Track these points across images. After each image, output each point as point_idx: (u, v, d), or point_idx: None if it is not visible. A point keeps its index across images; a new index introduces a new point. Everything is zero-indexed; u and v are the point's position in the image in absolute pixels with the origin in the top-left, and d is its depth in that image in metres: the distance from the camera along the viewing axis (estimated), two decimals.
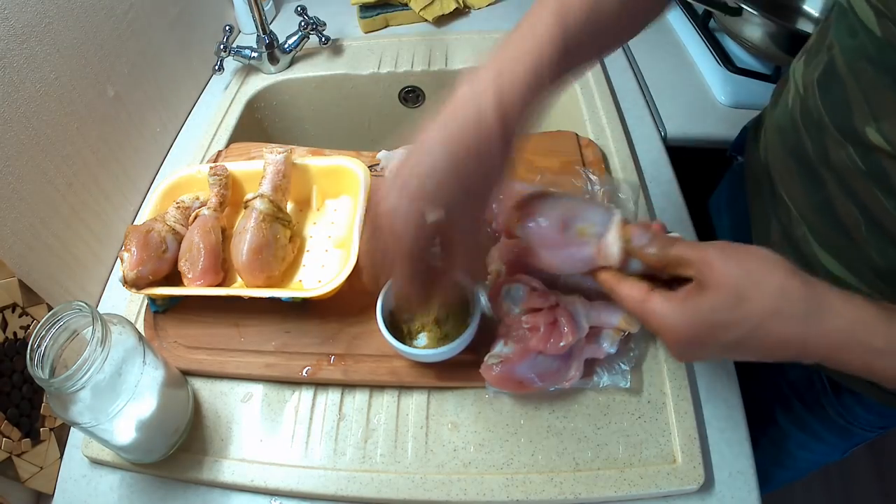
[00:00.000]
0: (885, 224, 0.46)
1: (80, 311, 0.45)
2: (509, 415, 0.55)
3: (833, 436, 0.68)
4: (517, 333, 0.52)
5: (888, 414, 0.62)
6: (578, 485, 0.50)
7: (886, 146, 0.43)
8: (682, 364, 0.56)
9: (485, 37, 0.98)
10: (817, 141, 0.51)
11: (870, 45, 0.44)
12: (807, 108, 0.53)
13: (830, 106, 0.49)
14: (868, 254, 0.49)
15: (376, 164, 0.73)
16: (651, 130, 0.82)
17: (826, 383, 0.63)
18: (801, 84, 0.55)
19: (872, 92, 0.44)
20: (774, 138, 0.60)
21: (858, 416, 0.63)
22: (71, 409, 0.45)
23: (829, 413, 0.65)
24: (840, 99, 0.48)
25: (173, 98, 0.88)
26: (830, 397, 0.63)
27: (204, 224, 0.63)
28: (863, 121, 0.45)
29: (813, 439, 0.71)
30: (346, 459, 0.53)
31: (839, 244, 0.51)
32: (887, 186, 0.45)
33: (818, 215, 0.53)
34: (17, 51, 0.57)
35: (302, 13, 0.93)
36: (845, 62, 0.47)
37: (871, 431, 0.65)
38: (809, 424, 0.69)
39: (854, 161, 0.47)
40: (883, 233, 0.47)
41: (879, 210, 0.46)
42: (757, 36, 0.89)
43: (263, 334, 0.60)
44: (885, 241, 0.47)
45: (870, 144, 0.45)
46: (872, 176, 0.46)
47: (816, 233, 0.54)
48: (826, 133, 0.50)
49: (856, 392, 0.60)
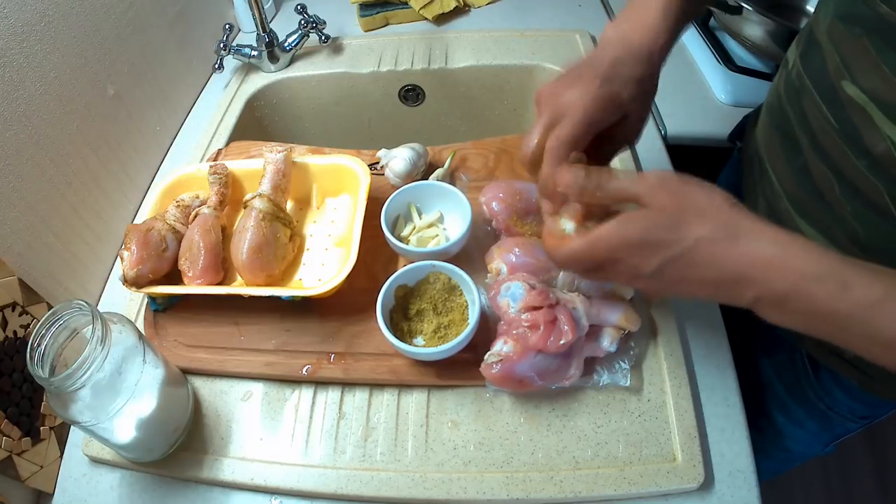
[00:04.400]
0: (857, 184, 0.47)
1: (80, 309, 0.45)
2: (509, 413, 0.55)
3: (814, 422, 0.69)
4: (517, 332, 0.52)
5: (867, 401, 0.62)
6: (578, 483, 0.50)
7: (861, 95, 0.44)
8: (682, 363, 0.57)
9: (485, 35, 0.98)
10: (797, 107, 0.53)
11: (843, 5, 0.47)
12: (790, 79, 0.55)
13: (810, 71, 0.51)
14: (844, 218, 0.49)
15: (376, 163, 0.74)
16: (651, 129, 0.82)
17: (806, 361, 0.64)
18: (790, 61, 0.57)
19: (844, 46, 0.46)
20: (764, 116, 0.62)
21: (837, 401, 0.64)
22: (71, 408, 0.45)
23: (808, 395, 0.66)
24: (818, 61, 0.50)
25: (173, 97, 0.87)
26: (811, 378, 0.64)
27: (204, 223, 0.63)
28: (838, 75, 0.47)
29: (795, 426, 0.72)
30: (346, 458, 0.53)
31: (816, 211, 0.52)
32: (858, 144, 0.46)
33: (795, 182, 0.54)
34: (17, 50, 0.57)
35: (302, 12, 0.93)
36: (822, 27, 0.49)
37: (852, 421, 0.66)
38: (790, 408, 0.70)
39: (828, 119, 0.48)
40: (856, 194, 0.47)
41: (851, 169, 0.47)
42: (757, 34, 0.89)
43: (263, 333, 0.60)
44: (860, 203, 0.47)
45: (845, 99, 0.46)
46: (844, 133, 0.47)
47: (795, 202, 0.55)
48: (805, 96, 0.52)
49: (833, 371, 0.61)
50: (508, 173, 0.73)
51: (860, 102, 0.44)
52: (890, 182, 0.44)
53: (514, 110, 0.99)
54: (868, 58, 0.43)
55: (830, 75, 0.48)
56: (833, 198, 0.50)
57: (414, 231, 0.66)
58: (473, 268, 0.60)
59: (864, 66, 0.44)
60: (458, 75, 0.95)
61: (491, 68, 0.94)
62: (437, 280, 0.59)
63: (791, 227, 0.55)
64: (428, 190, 0.68)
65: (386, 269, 0.64)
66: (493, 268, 0.59)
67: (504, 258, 0.58)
